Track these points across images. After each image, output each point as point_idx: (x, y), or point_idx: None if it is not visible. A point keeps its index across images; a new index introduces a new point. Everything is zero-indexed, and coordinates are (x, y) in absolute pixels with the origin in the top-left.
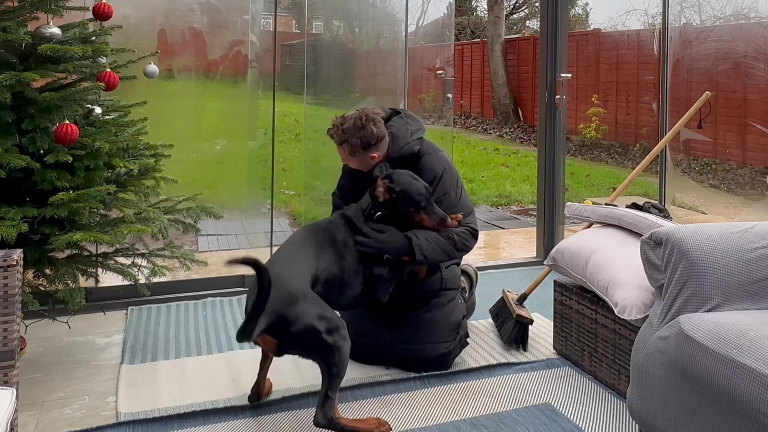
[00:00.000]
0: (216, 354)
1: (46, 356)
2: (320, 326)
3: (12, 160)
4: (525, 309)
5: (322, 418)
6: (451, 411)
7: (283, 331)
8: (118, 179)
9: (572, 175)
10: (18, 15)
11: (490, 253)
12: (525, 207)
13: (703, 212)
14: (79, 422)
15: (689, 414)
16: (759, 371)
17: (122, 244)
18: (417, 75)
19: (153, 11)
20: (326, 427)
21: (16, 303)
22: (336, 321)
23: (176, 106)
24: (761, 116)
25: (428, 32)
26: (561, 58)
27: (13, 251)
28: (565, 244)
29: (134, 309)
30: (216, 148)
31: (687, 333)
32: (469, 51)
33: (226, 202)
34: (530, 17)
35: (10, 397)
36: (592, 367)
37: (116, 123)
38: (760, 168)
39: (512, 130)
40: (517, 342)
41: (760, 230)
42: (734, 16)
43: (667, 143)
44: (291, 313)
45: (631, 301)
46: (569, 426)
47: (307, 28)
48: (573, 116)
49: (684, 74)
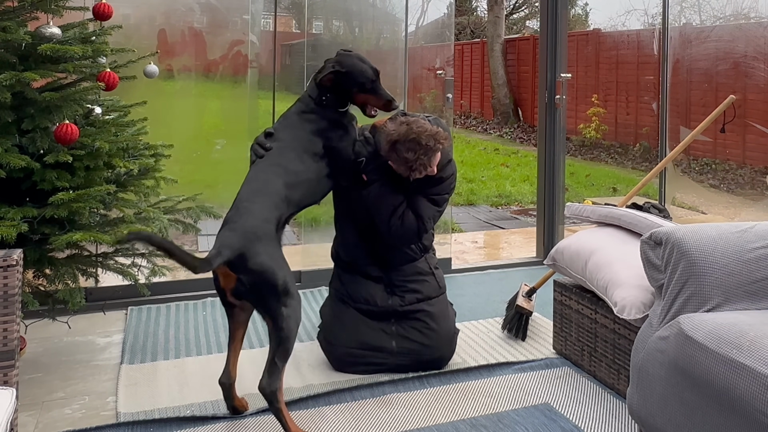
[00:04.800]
0: (216, 354)
1: (46, 356)
2: (277, 274)
3: (12, 160)
4: (530, 301)
5: (267, 385)
6: (450, 411)
7: (242, 266)
8: (118, 179)
9: (572, 175)
10: (18, 15)
11: (490, 253)
12: (525, 207)
13: (703, 212)
14: (79, 422)
15: (689, 414)
16: (759, 371)
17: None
18: (417, 75)
19: (153, 11)
20: (268, 398)
21: (16, 303)
22: (291, 288)
23: (176, 106)
24: (761, 116)
25: (428, 32)
26: (561, 58)
27: (13, 251)
28: (564, 244)
29: (134, 309)
30: (216, 148)
31: (687, 333)
32: (469, 51)
33: (226, 202)
34: (530, 17)
35: (10, 397)
36: (591, 366)
37: (116, 123)
38: (760, 168)
39: (512, 130)
40: (515, 331)
41: (759, 230)
42: (734, 16)
43: (668, 144)
44: (251, 249)
45: (631, 301)
46: (568, 426)
47: (307, 28)
48: (573, 116)
49: (684, 74)
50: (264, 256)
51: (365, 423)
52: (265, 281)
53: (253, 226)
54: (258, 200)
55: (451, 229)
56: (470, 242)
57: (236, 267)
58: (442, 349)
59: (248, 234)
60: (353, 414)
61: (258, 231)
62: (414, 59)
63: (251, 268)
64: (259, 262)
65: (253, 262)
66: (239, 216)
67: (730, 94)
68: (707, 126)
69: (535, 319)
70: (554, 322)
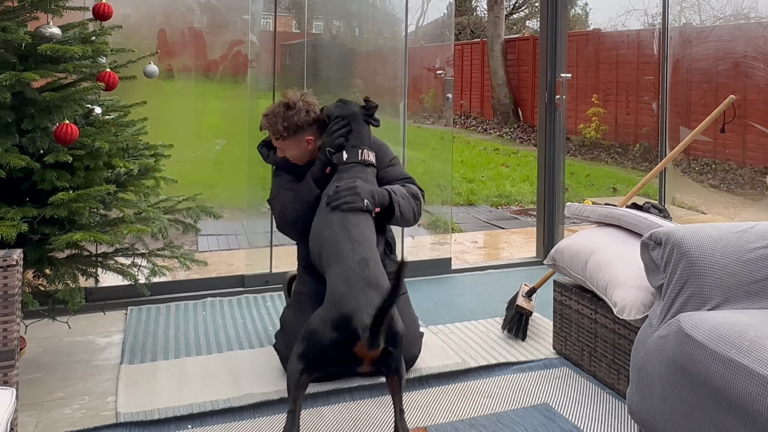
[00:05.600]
0: (216, 354)
1: (46, 356)
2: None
3: (12, 160)
4: (530, 301)
5: None
6: (449, 411)
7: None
8: (118, 179)
9: (572, 175)
10: (18, 15)
11: (490, 253)
12: (525, 207)
13: (703, 212)
14: (79, 422)
15: (688, 413)
16: (758, 372)
17: (122, 244)
18: (417, 75)
19: (153, 11)
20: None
21: (16, 303)
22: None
23: (176, 106)
24: (761, 116)
25: (428, 32)
26: (561, 58)
27: (13, 251)
28: (564, 244)
29: (134, 309)
30: (216, 148)
31: (686, 331)
32: (469, 51)
33: (226, 202)
34: (530, 17)
35: (10, 397)
36: (591, 367)
37: (116, 123)
38: (760, 168)
39: (512, 130)
40: (515, 331)
41: (759, 230)
42: (734, 16)
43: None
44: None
45: (631, 301)
46: (568, 426)
47: (307, 28)
48: (573, 116)
49: (684, 74)
50: (399, 318)
51: (364, 423)
52: (400, 342)
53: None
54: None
55: (451, 229)
56: (470, 242)
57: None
58: (408, 349)
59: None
60: (352, 414)
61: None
62: (414, 59)
63: (398, 333)
64: (401, 326)
65: (399, 327)
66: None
67: (730, 94)
68: (707, 126)
69: (535, 319)
70: (554, 322)
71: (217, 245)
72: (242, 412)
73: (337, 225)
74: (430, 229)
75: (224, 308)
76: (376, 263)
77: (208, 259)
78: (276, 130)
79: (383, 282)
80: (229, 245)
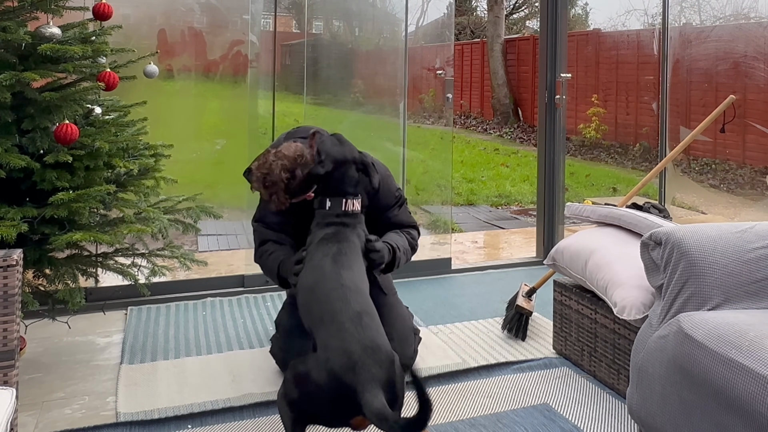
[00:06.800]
0: (216, 354)
1: (46, 356)
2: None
3: (12, 160)
4: (529, 301)
5: None
6: (449, 411)
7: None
8: (118, 179)
9: (572, 175)
10: (18, 15)
11: (490, 253)
12: (525, 207)
13: (703, 212)
14: (79, 422)
15: (688, 413)
16: (758, 372)
17: (122, 244)
18: (417, 75)
19: (153, 11)
20: None
21: (16, 303)
22: (287, 376)
23: (176, 106)
24: (761, 116)
25: (428, 32)
26: (561, 58)
27: (13, 251)
28: (564, 244)
29: (134, 309)
30: (216, 148)
31: (686, 331)
32: (469, 51)
33: (226, 202)
34: (530, 17)
35: (10, 397)
36: (591, 366)
37: (116, 123)
38: (760, 168)
39: (512, 130)
40: (515, 331)
41: (759, 230)
42: (734, 16)
43: (668, 144)
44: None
45: (631, 302)
46: (568, 426)
47: (307, 28)
48: (573, 116)
49: (684, 74)
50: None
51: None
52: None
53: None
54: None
55: (451, 229)
56: (470, 242)
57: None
58: (400, 352)
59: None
60: None
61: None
62: (414, 59)
63: (401, 399)
64: (403, 389)
65: (402, 392)
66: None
67: (730, 94)
68: (707, 126)
69: (535, 319)
70: (554, 322)
71: (217, 245)
72: (242, 412)
73: (329, 265)
74: (430, 229)
75: (224, 308)
76: (371, 318)
77: (208, 259)
78: (279, 204)
79: (380, 341)
80: (229, 245)
